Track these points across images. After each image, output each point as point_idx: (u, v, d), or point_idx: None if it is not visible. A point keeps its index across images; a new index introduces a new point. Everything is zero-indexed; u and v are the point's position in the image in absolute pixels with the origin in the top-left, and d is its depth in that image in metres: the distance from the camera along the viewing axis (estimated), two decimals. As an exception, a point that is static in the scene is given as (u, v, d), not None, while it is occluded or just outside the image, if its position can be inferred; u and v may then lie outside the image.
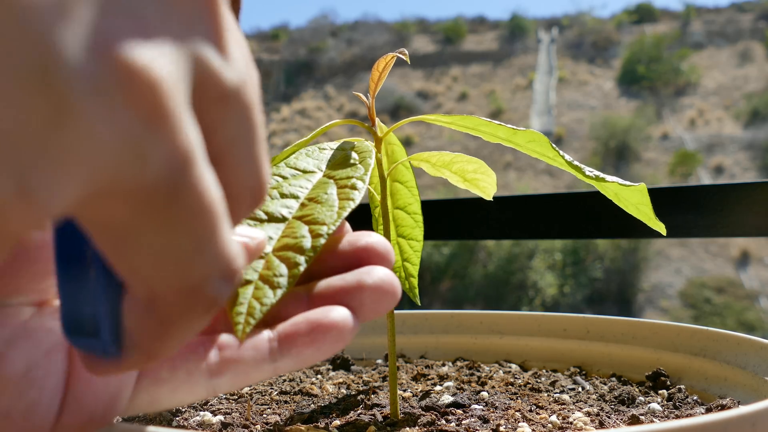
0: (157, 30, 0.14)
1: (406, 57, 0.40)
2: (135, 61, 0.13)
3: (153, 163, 0.14)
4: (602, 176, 0.37)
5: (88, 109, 0.12)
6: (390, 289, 0.23)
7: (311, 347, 0.22)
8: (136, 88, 0.13)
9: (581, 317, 0.55)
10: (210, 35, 0.15)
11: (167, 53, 0.14)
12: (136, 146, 0.13)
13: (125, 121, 0.13)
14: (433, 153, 0.43)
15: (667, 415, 0.40)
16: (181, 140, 0.14)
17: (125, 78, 0.13)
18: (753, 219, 0.70)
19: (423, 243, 0.46)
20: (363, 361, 0.59)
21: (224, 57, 0.16)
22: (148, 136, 0.13)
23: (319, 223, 0.26)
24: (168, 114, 0.14)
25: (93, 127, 0.13)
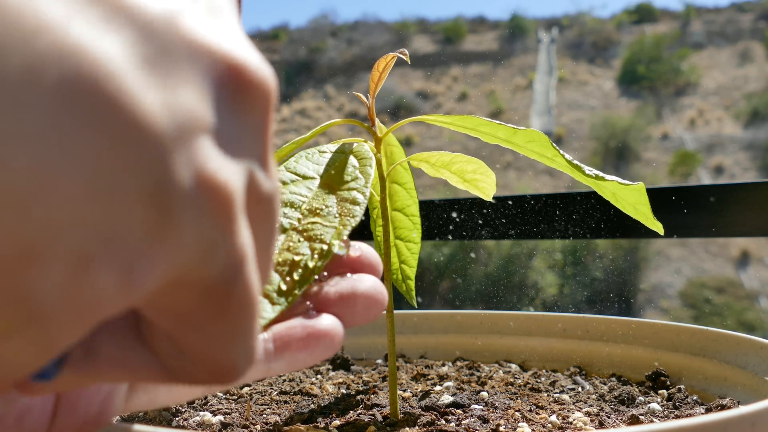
0: (232, 150, 0.17)
1: (406, 57, 0.40)
2: (221, 178, 0.16)
3: (218, 261, 0.16)
4: (602, 175, 0.36)
5: (183, 217, 0.15)
6: (379, 297, 0.25)
7: (304, 352, 0.23)
8: (218, 200, 0.16)
9: (581, 317, 0.55)
10: (260, 154, 0.18)
11: (237, 168, 0.17)
12: (208, 247, 0.16)
13: (205, 226, 0.16)
14: (432, 153, 0.43)
15: (667, 415, 0.40)
16: (240, 241, 0.17)
17: (212, 192, 0.16)
18: (753, 219, 0.70)
19: (421, 245, 0.46)
20: (363, 361, 0.59)
21: (266, 170, 0.18)
22: (218, 238, 0.16)
23: (320, 241, 0.26)
24: (235, 219, 0.16)
25: (183, 232, 0.15)
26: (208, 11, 0.17)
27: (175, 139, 0.15)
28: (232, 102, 0.17)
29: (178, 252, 0.15)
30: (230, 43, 0.17)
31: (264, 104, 0.18)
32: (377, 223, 0.45)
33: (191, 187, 0.15)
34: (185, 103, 0.15)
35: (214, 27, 0.17)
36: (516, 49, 35.67)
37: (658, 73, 30.23)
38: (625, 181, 0.37)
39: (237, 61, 0.17)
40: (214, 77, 0.17)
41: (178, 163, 0.15)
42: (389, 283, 0.41)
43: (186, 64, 0.16)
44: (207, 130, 0.16)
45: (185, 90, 0.15)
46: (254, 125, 0.18)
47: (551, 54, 34.57)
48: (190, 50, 0.16)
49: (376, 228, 0.45)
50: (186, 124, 0.15)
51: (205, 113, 0.16)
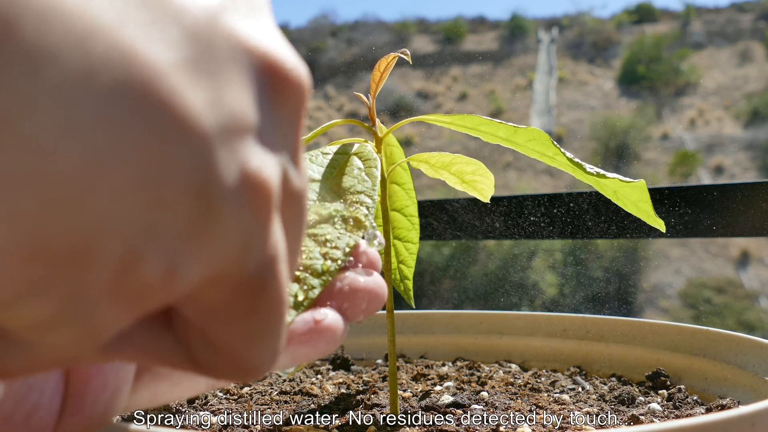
0: (272, 147, 0.17)
1: (408, 57, 0.40)
2: (263, 175, 0.16)
3: (254, 257, 0.17)
4: (603, 173, 0.36)
5: (225, 212, 0.15)
6: (379, 292, 0.25)
7: (306, 346, 0.23)
8: (258, 197, 0.16)
9: (581, 317, 0.55)
10: (293, 150, 0.18)
11: (275, 165, 0.17)
12: (246, 243, 0.16)
13: (245, 222, 0.16)
14: (432, 154, 0.43)
15: (667, 415, 0.40)
16: (274, 239, 0.17)
17: (254, 189, 0.16)
18: (753, 219, 0.70)
19: (419, 245, 0.46)
20: (363, 361, 0.59)
21: (297, 166, 0.19)
22: (256, 234, 0.16)
23: (332, 246, 0.26)
24: (271, 217, 0.17)
25: (226, 227, 0.16)
26: (248, 10, 0.18)
27: (220, 136, 0.15)
28: (271, 98, 0.17)
29: (220, 247, 0.16)
30: (269, 41, 0.18)
31: (299, 101, 0.18)
32: (376, 223, 0.45)
33: (235, 183, 0.16)
34: (229, 101, 0.16)
35: (253, 25, 0.18)
36: (516, 49, 35.66)
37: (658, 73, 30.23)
38: (626, 179, 0.37)
39: (275, 59, 0.17)
40: (255, 74, 0.17)
41: (222, 160, 0.15)
42: (389, 282, 0.41)
43: (229, 63, 0.16)
44: (250, 127, 0.16)
45: (229, 88, 0.16)
46: (289, 121, 0.18)
47: (551, 54, 34.57)
48: (233, 49, 0.16)
49: (376, 228, 0.45)
50: (231, 122, 0.16)
51: (248, 111, 0.16)
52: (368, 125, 0.40)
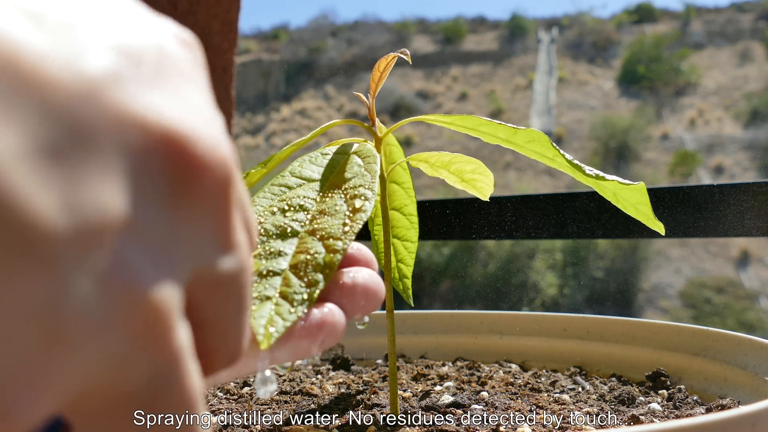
0: (163, 249, 0.15)
1: (407, 57, 0.40)
2: (139, 290, 0.14)
3: (137, 373, 0.14)
4: (602, 175, 0.36)
5: (83, 335, 0.13)
6: (377, 288, 0.25)
7: (307, 340, 0.23)
8: (134, 315, 0.14)
9: (581, 317, 0.55)
10: (216, 235, 0.16)
11: (167, 270, 0.15)
12: (122, 361, 0.14)
13: (116, 343, 0.14)
14: (432, 153, 0.43)
15: (667, 415, 0.40)
16: (168, 350, 0.15)
17: (126, 306, 0.14)
18: (753, 219, 0.70)
19: (418, 244, 0.46)
20: (363, 361, 0.59)
21: (226, 249, 0.16)
22: (136, 351, 0.14)
23: (333, 237, 0.26)
24: (159, 331, 0.14)
25: (83, 351, 0.13)
26: (154, 75, 0.15)
27: (75, 245, 0.12)
28: (171, 189, 0.15)
29: (78, 376, 0.13)
30: (173, 117, 0.15)
31: (218, 187, 0.16)
32: (375, 222, 0.45)
33: (96, 303, 0.13)
34: (94, 199, 0.13)
35: (157, 99, 0.15)
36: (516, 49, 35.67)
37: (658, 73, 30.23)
38: (625, 181, 0.37)
39: (179, 140, 0.14)
40: (146, 161, 0.14)
41: (77, 275, 0.13)
42: (389, 282, 0.41)
43: (106, 150, 0.13)
44: (123, 229, 0.14)
45: (99, 182, 0.13)
46: (206, 210, 0.16)
47: (551, 54, 34.57)
48: (114, 130, 0.13)
49: (374, 227, 0.45)
50: (92, 225, 0.13)
51: (122, 209, 0.13)
52: (368, 125, 0.40)
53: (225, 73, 0.78)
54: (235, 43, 0.79)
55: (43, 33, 0.13)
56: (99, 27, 0.14)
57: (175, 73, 0.16)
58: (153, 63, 0.15)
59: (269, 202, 0.29)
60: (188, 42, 0.17)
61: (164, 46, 0.16)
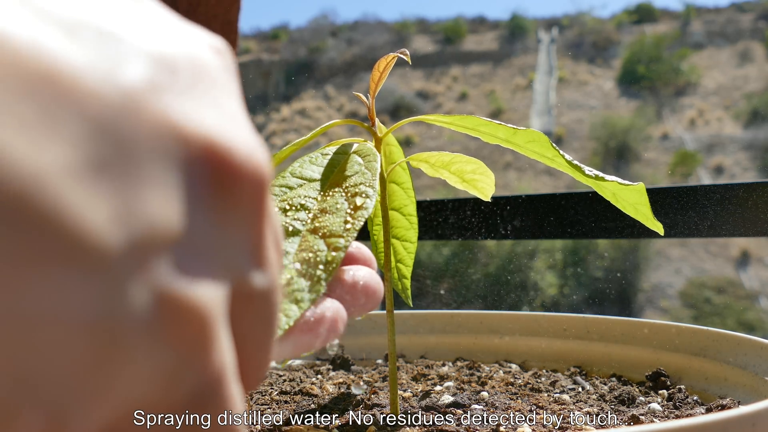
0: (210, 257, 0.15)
1: (407, 57, 0.40)
2: (189, 300, 0.14)
3: (185, 386, 0.14)
4: (602, 176, 0.36)
5: (136, 350, 0.13)
6: (376, 287, 0.25)
7: (308, 335, 0.23)
8: (184, 325, 0.14)
9: (581, 317, 0.55)
10: (252, 251, 0.16)
11: (214, 279, 0.15)
12: (172, 375, 0.14)
13: (167, 356, 0.14)
14: (432, 153, 0.43)
15: (667, 415, 0.40)
16: (216, 362, 0.15)
17: (177, 317, 0.14)
18: (753, 219, 0.70)
19: (417, 245, 0.46)
20: (363, 361, 0.59)
21: (259, 264, 0.16)
22: (186, 364, 0.14)
23: (335, 235, 0.26)
24: (207, 340, 0.14)
25: (134, 363, 0.13)
26: (189, 84, 0.15)
27: (130, 257, 0.13)
28: (212, 197, 0.15)
29: (130, 388, 0.13)
30: (214, 127, 0.15)
31: (255, 194, 0.16)
32: (374, 222, 0.45)
33: (150, 313, 0.13)
34: (146, 209, 0.13)
35: (194, 107, 0.15)
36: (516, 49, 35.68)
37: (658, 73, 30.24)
38: (625, 182, 0.37)
39: (221, 148, 0.15)
40: (189, 170, 0.14)
41: (131, 286, 0.13)
42: (389, 282, 0.41)
43: (150, 159, 0.13)
44: (175, 240, 0.14)
45: (147, 192, 0.13)
46: (242, 219, 0.16)
47: (551, 54, 34.58)
48: (158, 140, 0.13)
49: (373, 227, 0.45)
50: (145, 237, 0.13)
51: (173, 219, 0.14)
52: (368, 125, 0.40)
53: (225, 73, 0.78)
54: (235, 43, 0.79)
55: (79, 45, 0.13)
56: (133, 37, 0.14)
57: (210, 82, 0.16)
58: (188, 72, 0.15)
59: None
60: (221, 50, 0.17)
61: (198, 54, 0.16)
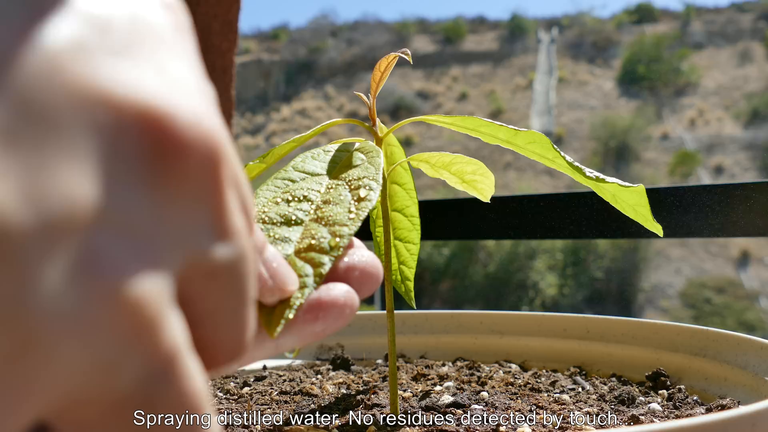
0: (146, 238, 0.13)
1: (408, 57, 0.40)
2: (117, 283, 0.12)
3: (126, 375, 0.13)
4: (602, 177, 0.37)
5: (57, 338, 0.12)
6: (376, 271, 0.23)
7: (312, 324, 0.21)
8: (115, 312, 0.13)
9: (581, 317, 0.55)
10: (208, 219, 0.15)
11: (153, 262, 0.13)
12: (107, 363, 0.13)
13: (98, 343, 0.12)
14: (433, 154, 0.43)
15: (667, 415, 0.40)
16: (160, 348, 0.14)
17: (105, 303, 0.12)
18: (753, 219, 0.70)
19: (420, 246, 0.46)
20: (363, 361, 0.59)
21: (221, 236, 0.15)
22: (122, 352, 0.13)
23: (339, 224, 0.26)
24: (147, 329, 0.13)
25: (61, 354, 0.12)
26: (125, 43, 0.13)
27: (42, 238, 0.11)
28: (152, 171, 0.13)
29: (60, 381, 0.12)
30: (148, 89, 0.13)
31: (206, 165, 0.14)
32: (376, 223, 0.45)
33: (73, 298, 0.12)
34: (61, 186, 0.12)
35: (129, 68, 0.13)
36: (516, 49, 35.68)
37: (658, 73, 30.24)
38: (625, 183, 0.37)
39: (156, 115, 0.13)
40: (118, 141, 0.13)
41: (45, 273, 0.11)
42: (390, 283, 0.41)
43: (70, 130, 0.12)
44: (96, 218, 0.12)
45: (64, 167, 0.12)
46: (194, 193, 0.14)
47: (551, 54, 34.58)
48: (79, 107, 0.12)
49: (375, 228, 0.45)
50: (60, 216, 0.12)
51: (91, 196, 0.12)
52: (368, 125, 0.40)
53: (225, 73, 0.78)
54: (235, 43, 0.79)
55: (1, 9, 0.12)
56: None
57: (153, 41, 0.14)
58: (125, 30, 0.13)
59: (273, 194, 0.30)
60: (170, 4, 0.16)
61: (141, 12, 0.14)
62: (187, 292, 0.15)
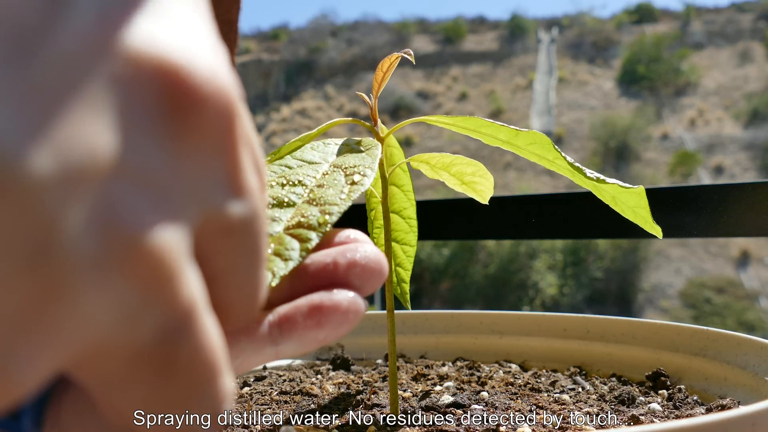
0: (164, 190, 0.14)
1: (411, 57, 0.40)
2: (137, 234, 0.13)
3: (146, 326, 0.13)
4: (603, 178, 0.37)
5: (80, 286, 0.12)
6: (379, 267, 0.22)
7: (313, 330, 0.21)
8: (135, 262, 0.13)
9: (581, 317, 0.55)
10: (224, 175, 0.15)
11: (171, 214, 0.14)
12: (128, 314, 0.13)
13: (120, 293, 0.13)
14: (433, 154, 0.43)
15: (667, 415, 0.40)
16: (181, 298, 0.14)
17: (125, 252, 0.13)
18: (753, 219, 0.70)
19: (416, 248, 0.46)
20: (363, 361, 0.59)
21: (236, 193, 0.15)
22: (142, 303, 0.13)
23: (329, 203, 0.26)
24: (166, 280, 0.13)
25: (84, 303, 0.12)
26: (147, 3, 0.14)
27: (64, 186, 0.12)
28: (168, 124, 0.14)
29: (83, 327, 0.12)
30: (166, 43, 0.13)
31: (222, 119, 0.14)
32: (375, 225, 0.45)
33: (95, 250, 0.12)
34: (81, 137, 0.12)
35: (144, 21, 0.13)
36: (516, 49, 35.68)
37: (658, 73, 30.24)
38: (625, 185, 0.37)
39: (174, 68, 0.13)
40: (136, 93, 0.13)
41: (69, 218, 0.12)
42: (389, 283, 0.41)
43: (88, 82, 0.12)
44: (117, 170, 0.13)
45: (83, 118, 0.12)
46: (210, 147, 0.14)
47: (551, 54, 34.57)
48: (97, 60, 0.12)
49: (374, 230, 0.45)
50: (81, 165, 0.12)
51: (113, 148, 0.12)
52: (370, 125, 0.40)
53: (225, 73, 0.78)
54: (236, 43, 0.79)
55: None
56: None
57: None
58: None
59: (268, 179, 0.30)
60: None
61: None
62: (201, 248, 0.15)
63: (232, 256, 0.16)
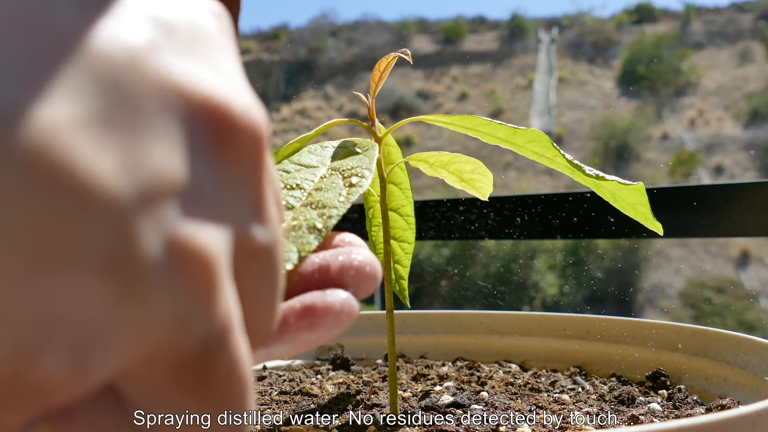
0: (213, 208, 0.15)
1: (408, 57, 0.40)
2: (195, 244, 0.14)
3: (195, 333, 0.15)
4: (602, 175, 0.36)
5: (151, 290, 0.14)
6: (373, 271, 0.22)
7: (305, 331, 0.21)
8: (193, 269, 0.14)
9: (581, 317, 0.55)
10: (253, 205, 0.17)
11: (218, 229, 0.15)
12: (183, 319, 0.14)
13: (178, 298, 0.14)
14: (431, 153, 0.43)
15: (667, 415, 0.40)
16: (222, 310, 0.15)
17: (186, 260, 0.14)
18: (753, 219, 0.70)
19: (414, 245, 0.46)
20: (363, 361, 0.59)
21: (261, 219, 0.17)
22: (195, 309, 0.15)
23: (328, 206, 0.26)
24: (214, 287, 0.15)
25: (153, 306, 0.14)
26: (188, 45, 0.16)
27: (139, 203, 0.13)
28: (213, 151, 0.15)
29: (147, 329, 0.14)
30: (211, 84, 0.16)
31: (253, 150, 0.16)
32: (373, 223, 0.45)
33: (161, 256, 0.14)
34: (151, 160, 0.14)
35: (192, 66, 0.15)
36: (516, 49, 35.67)
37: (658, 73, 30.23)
38: (624, 181, 0.37)
39: (219, 105, 0.15)
40: (190, 125, 0.15)
41: (143, 230, 0.13)
42: (389, 283, 0.41)
43: (153, 114, 0.14)
44: (179, 189, 0.14)
45: (151, 145, 0.14)
46: (242, 174, 0.16)
47: (551, 54, 34.57)
48: (160, 96, 0.14)
49: (372, 228, 0.45)
50: (152, 185, 0.14)
51: (177, 170, 0.14)
52: (368, 125, 0.40)
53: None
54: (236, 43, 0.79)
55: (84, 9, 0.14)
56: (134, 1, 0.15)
57: (208, 44, 0.17)
58: (187, 34, 0.16)
59: None
60: (219, 14, 0.18)
61: (197, 18, 0.17)
62: (233, 268, 0.17)
63: (253, 280, 0.17)
